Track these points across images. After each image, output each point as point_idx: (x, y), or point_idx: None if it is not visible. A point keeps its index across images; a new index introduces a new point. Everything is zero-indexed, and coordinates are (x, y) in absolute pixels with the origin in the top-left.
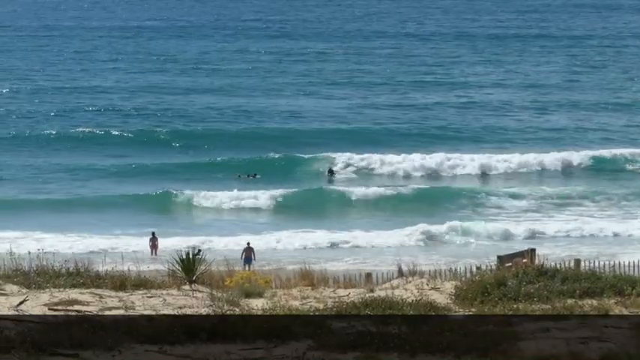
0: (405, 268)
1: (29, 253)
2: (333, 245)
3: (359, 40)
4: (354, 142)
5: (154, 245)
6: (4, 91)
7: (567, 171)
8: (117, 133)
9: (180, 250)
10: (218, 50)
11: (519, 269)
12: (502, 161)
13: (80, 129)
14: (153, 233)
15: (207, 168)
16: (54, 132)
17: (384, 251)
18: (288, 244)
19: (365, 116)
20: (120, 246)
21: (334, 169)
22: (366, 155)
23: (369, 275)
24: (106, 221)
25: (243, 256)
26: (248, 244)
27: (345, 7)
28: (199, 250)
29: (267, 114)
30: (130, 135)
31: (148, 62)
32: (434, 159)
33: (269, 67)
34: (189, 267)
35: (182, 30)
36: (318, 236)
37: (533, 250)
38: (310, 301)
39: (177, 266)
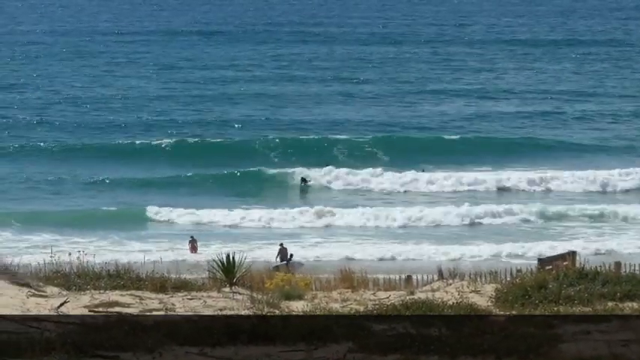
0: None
1: (69, 254)
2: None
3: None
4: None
5: (193, 247)
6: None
7: None
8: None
9: (221, 253)
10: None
11: (560, 272)
12: None
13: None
14: (192, 236)
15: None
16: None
17: None
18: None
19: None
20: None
21: (307, 178)
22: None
23: (409, 278)
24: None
25: (279, 257)
26: (281, 244)
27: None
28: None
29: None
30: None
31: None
32: None
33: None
34: (230, 269)
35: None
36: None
37: (573, 253)
38: (350, 304)
39: (217, 268)
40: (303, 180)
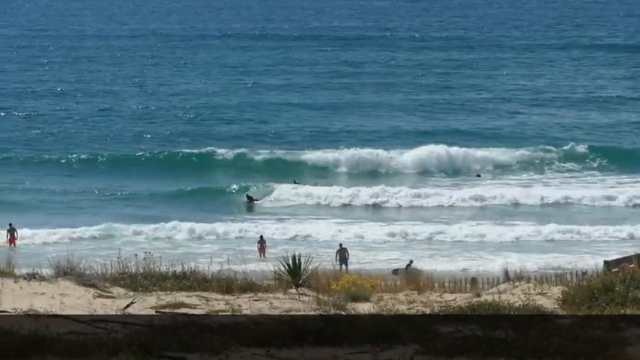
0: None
1: (136, 255)
2: None
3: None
4: None
5: (261, 248)
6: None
7: None
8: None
9: (287, 254)
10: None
11: (627, 274)
12: None
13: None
14: (261, 236)
15: None
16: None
17: None
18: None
19: None
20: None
21: (252, 195)
22: None
23: (474, 280)
24: None
25: (338, 257)
26: (341, 245)
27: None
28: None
29: None
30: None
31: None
32: None
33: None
34: (296, 271)
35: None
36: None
37: (639, 255)
38: (417, 305)
39: (283, 270)
40: (249, 198)
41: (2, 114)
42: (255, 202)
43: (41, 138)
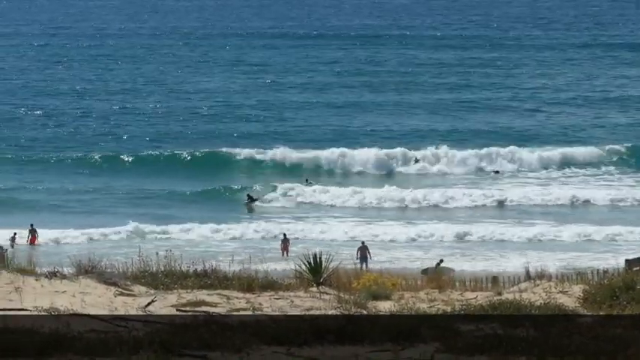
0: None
1: (157, 254)
2: None
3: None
4: None
5: (285, 247)
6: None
7: None
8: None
9: (308, 253)
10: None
11: None
12: None
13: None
14: (284, 235)
15: None
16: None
17: None
18: None
19: None
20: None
21: (253, 195)
22: None
23: (495, 278)
24: None
25: (359, 255)
26: (363, 243)
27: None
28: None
29: None
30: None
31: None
32: None
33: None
34: (317, 269)
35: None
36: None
37: None
38: (438, 304)
39: (304, 268)
40: (249, 197)
41: (22, 112)
42: (256, 201)
43: (60, 136)
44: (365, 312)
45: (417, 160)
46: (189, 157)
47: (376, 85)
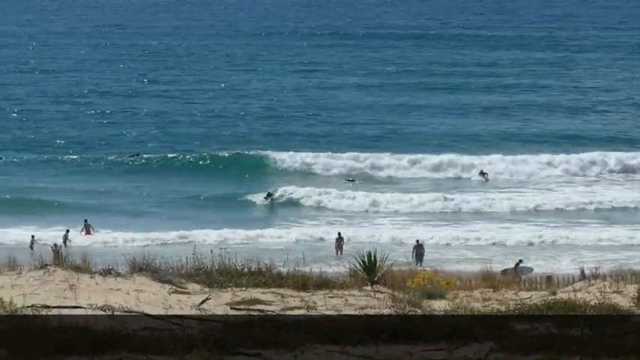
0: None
1: (211, 251)
2: None
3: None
4: None
5: (339, 245)
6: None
7: None
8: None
9: (362, 251)
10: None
11: None
12: None
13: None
14: (339, 234)
15: None
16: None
17: None
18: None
19: None
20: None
21: (272, 192)
22: None
23: (549, 278)
24: None
25: (414, 254)
26: (418, 241)
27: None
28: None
29: None
30: None
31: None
32: None
33: None
34: (371, 268)
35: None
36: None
37: None
38: (492, 303)
39: (358, 267)
40: (269, 195)
41: (76, 112)
42: (273, 199)
43: (114, 137)
44: (419, 311)
45: (483, 174)
46: (236, 159)
47: (430, 86)
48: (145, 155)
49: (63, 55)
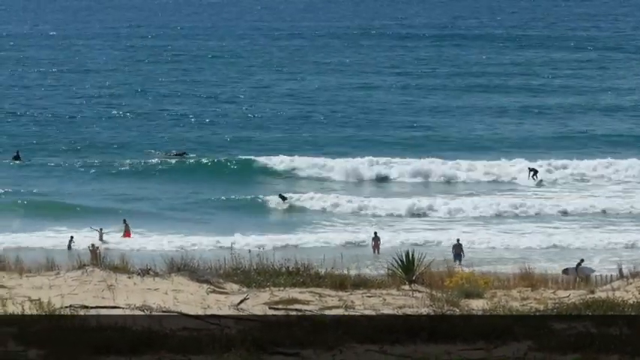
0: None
1: (249, 251)
2: None
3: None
4: None
5: (376, 245)
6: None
7: None
8: None
9: (400, 250)
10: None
11: None
12: None
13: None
14: (375, 233)
15: None
16: None
17: None
18: None
19: None
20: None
21: (285, 194)
22: None
23: (587, 277)
24: None
25: (453, 253)
26: (458, 240)
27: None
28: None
29: None
30: None
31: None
32: None
33: None
34: (409, 267)
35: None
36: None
37: None
38: (530, 302)
39: (396, 266)
40: (281, 197)
41: (111, 113)
42: (285, 201)
43: (147, 139)
44: (457, 310)
45: (532, 170)
46: (271, 164)
47: (476, 87)
48: (191, 155)
49: (97, 56)
